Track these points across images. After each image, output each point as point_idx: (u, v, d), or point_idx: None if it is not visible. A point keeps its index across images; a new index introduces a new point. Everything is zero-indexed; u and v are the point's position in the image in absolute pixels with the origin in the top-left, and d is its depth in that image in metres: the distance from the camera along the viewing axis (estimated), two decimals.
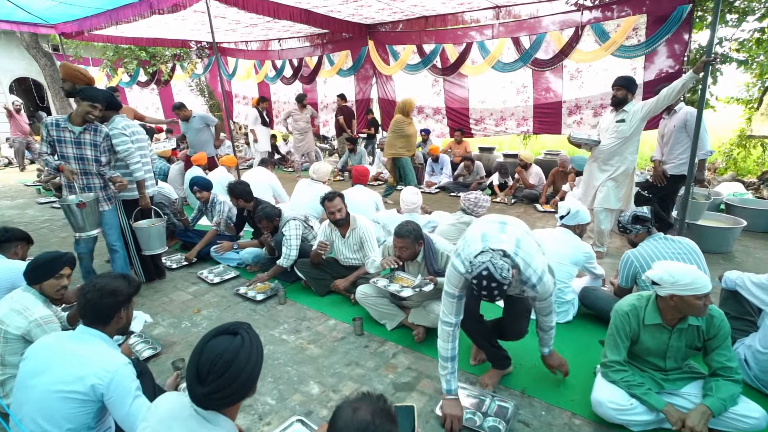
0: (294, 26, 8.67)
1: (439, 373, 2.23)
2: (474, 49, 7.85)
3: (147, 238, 3.67)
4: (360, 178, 4.80)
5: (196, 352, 1.37)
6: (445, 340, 2.19)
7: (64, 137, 3.31)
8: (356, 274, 3.45)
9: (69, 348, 1.80)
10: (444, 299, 2.18)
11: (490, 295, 1.85)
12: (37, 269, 2.38)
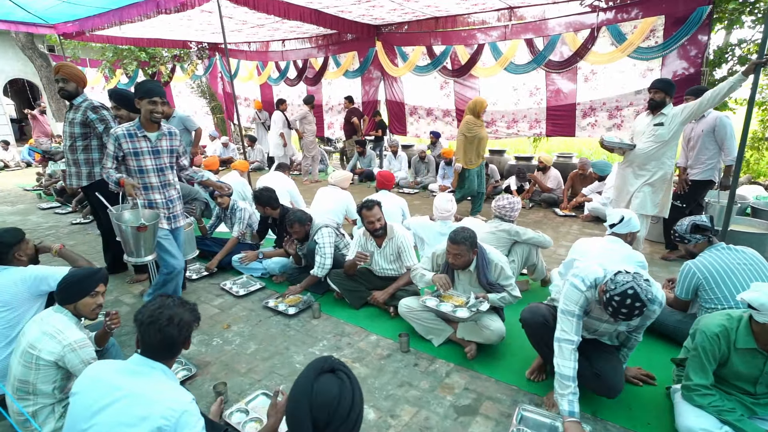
0: (301, 27, 8.46)
1: (557, 394, 2.12)
2: (486, 51, 7.71)
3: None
4: (385, 183, 4.61)
5: (303, 399, 1.18)
6: (566, 358, 2.12)
7: (140, 148, 2.87)
8: (395, 285, 3.26)
9: (127, 384, 1.59)
10: (562, 318, 2.16)
11: (629, 314, 1.90)
12: (70, 288, 2.15)
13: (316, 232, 3.52)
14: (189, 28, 8.62)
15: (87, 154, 3.71)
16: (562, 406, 2.08)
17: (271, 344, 2.94)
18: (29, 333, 2.08)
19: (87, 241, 5.29)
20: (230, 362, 2.75)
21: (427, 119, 8.94)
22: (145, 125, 2.86)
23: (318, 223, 3.56)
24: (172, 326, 1.71)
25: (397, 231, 3.31)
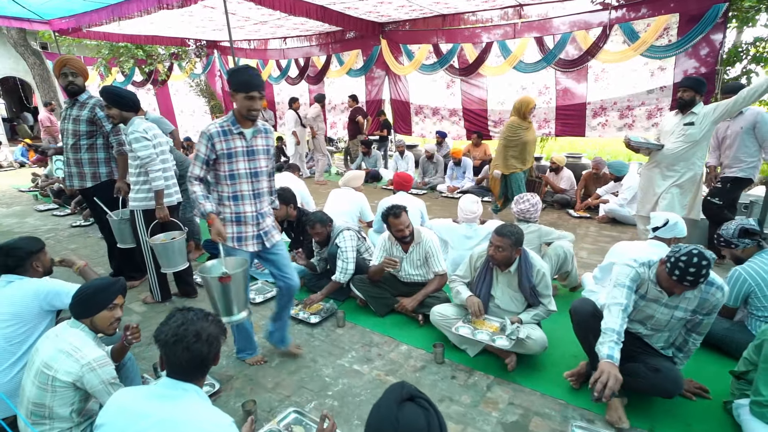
0: (306, 24, 8.27)
1: (599, 343, 2.09)
2: (494, 49, 7.57)
3: (166, 255, 3.11)
4: (403, 185, 4.44)
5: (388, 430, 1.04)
6: (614, 316, 2.11)
7: (234, 147, 2.34)
8: (424, 292, 3.09)
9: (158, 410, 1.41)
10: (613, 290, 2.18)
11: (697, 274, 1.89)
12: (87, 301, 1.96)
13: (337, 236, 3.34)
14: (189, 25, 8.38)
15: (91, 154, 3.51)
16: (602, 351, 2.04)
17: (296, 356, 2.76)
18: (43, 351, 1.89)
19: (89, 244, 5.06)
20: (255, 376, 2.57)
21: (433, 119, 8.79)
22: (240, 121, 2.34)
23: (339, 226, 3.39)
24: (201, 342, 1.54)
25: (424, 235, 3.15)
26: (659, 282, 2.10)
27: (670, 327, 2.21)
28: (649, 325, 2.25)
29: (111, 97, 3.24)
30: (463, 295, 2.75)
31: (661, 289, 2.11)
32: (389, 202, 4.26)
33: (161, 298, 3.56)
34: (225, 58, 11.44)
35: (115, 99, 3.25)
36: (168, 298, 3.59)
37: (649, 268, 2.16)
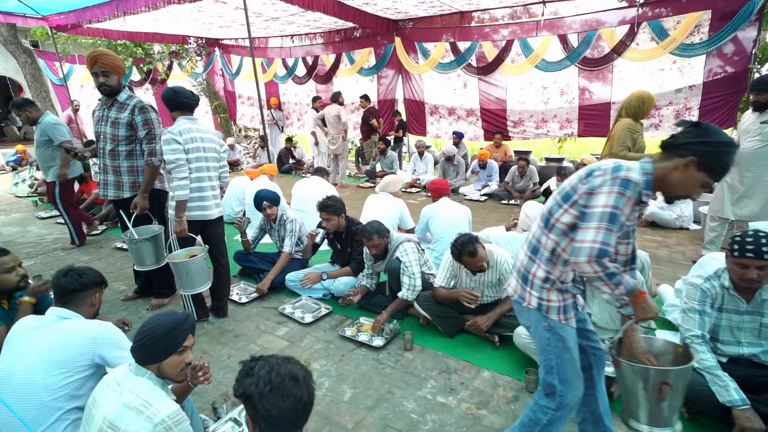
0: (319, 20, 7.90)
1: (714, 388, 1.92)
2: (515, 47, 7.30)
3: (185, 274, 2.79)
4: (442, 191, 4.10)
5: None
6: (700, 351, 1.98)
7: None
8: (499, 311, 2.77)
9: None
10: (685, 319, 2.08)
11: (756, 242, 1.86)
12: (152, 346, 1.59)
13: (396, 248, 3.01)
14: (196, 21, 7.94)
15: (131, 161, 3.14)
16: (726, 396, 1.88)
17: (369, 387, 2.42)
18: (105, 406, 1.52)
19: (102, 256, 4.64)
20: (328, 413, 2.23)
21: (449, 119, 8.49)
22: None
23: (397, 238, 3.06)
24: (299, 386, 1.25)
25: (498, 256, 2.82)
26: (735, 286, 2.02)
27: (766, 336, 2.03)
28: (744, 341, 2.06)
29: (163, 97, 2.91)
30: None
31: (739, 295, 2.01)
32: (434, 211, 3.95)
33: (197, 317, 3.19)
34: (227, 56, 11.00)
35: (164, 98, 2.92)
36: (205, 317, 3.22)
37: (718, 278, 2.08)
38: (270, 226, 3.86)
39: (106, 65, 2.94)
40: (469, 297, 2.72)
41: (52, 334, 1.81)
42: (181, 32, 9.55)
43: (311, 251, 3.71)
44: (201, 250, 2.85)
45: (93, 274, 2.05)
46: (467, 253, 2.66)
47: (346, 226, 3.40)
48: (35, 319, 1.88)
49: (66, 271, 2.01)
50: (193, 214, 2.93)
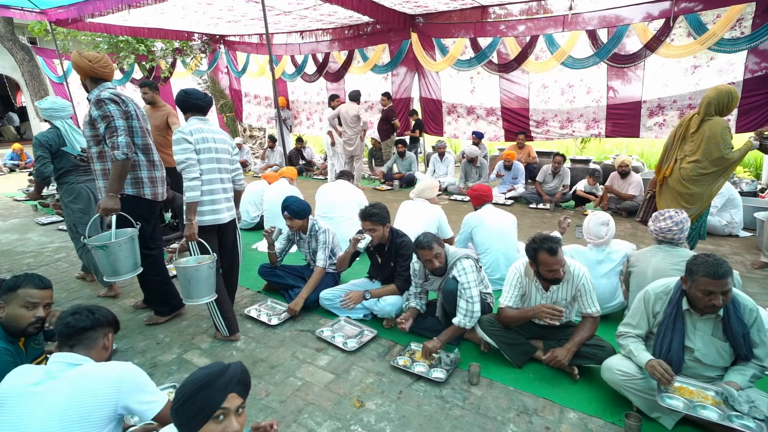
0: (333, 14, 7.50)
1: None
2: (540, 43, 6.93)
3: (186, 282, 2.54)
4: (485, 198, 3.71)
5: None
6: None
7: None
8: (578, 340, 2.38)
9: None
10: None
11: None
12: (183, 407, 1.20)
13: (453, 266, 2.63)
14: (204, 15, 7.51)
15: (102, 164, 2.77)
16: None
17: None
18: None
19: None
20: None
21: (468, 118, 8.11)
22: None
23: (454, 253, 2.67)
24: None
25: (574, 269, 2.44)
26: None
27: None
28: None
29: (177, 99, 2.74)
30: (641, 358, 2.08)
31: None
32: (478, 219, 3.58)
33: (228, 332, 2.87)
34: (233, 53, 10.58)
35: (177, 100, 2.73)
36: (237, 330, 2.91)
37: None
38: (299, 237, 3.46)
39: (75, 66, 2.69)
40: (552, 313, 2.34)
41: (62, 388, 1.41)
42: (186, 28, 9.12)
43: (348, 263, 3.30)
44: (209, 258, 2.60)
45: (105, 311, 1.71)
46: (547, 250, 2.29)
47: (390, 238, 3.01)
48: (33, 372, 1.46)
49: (74, 310, 1.64)
50: (206, 218, 2.68)
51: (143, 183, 2.83)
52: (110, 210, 2.62)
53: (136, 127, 2.77)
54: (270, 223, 4.63)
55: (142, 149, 2.83)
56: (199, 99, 2.72)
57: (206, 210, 2.68)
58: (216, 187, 2.72)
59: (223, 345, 2.82)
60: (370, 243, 2.94)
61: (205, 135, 2.67)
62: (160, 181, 2.94)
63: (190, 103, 2.70)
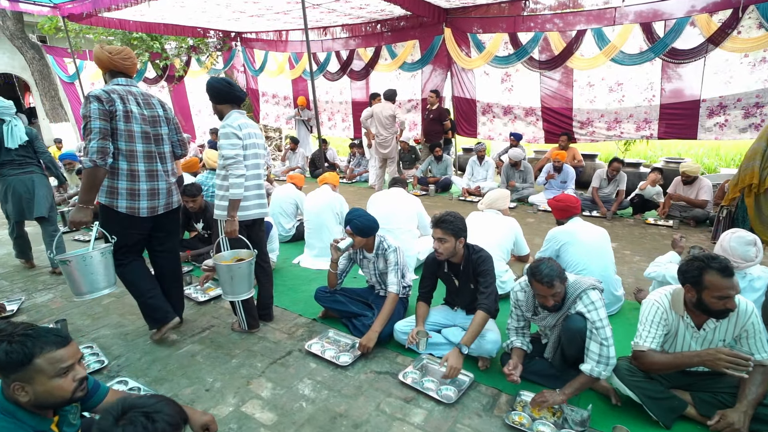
0: (365, 7, 6.98)
1: None
2: (587, 38, 6.40)
3: (230, 279, 2.53)
4: (572, 210, 3.17)
5: None
6: None
7: None
8: (754, 399, 1.86)
9: None
10: None
11: None
12: None
13: (578, 297, 2.10)
14: (227, 8, 7.00)
15: None
16: None
17: None
18: None
19: None
20: None
21: (504, 119, 7.59)
22: None
23: (577, 283, 2.15)
24: None
25: (742, 303, 1.93)
26: None
27: None
28: None
29: (214, 87, 2.60)
30: None
31: None
32: (568, 235, 3.05)
33: (248, 327, 2.87)
34: (250, 51, 10.07)
35: (215, 88, 2.60)
36: (256, 327, 2.90)
37: None
38: (362, 256, 2.94)
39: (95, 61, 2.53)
40: (737, 361, 1.81)
41: None
42: (205, 23, 8.61)
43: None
44: (248, 254, 2.62)
45: (170, 410, 1.13)
46: (719, 270, 1.78)
47: (466, 254, 2.48)
48: None
49: (122, 412, 1.08)
50: (252, 213, 2.71)
51: (118, 194, 2.44)
52: (78, 223, 2.36)
53: (121, 129, 2.39)
54: (314, 236, 4.12)
55: (126, 155, 2.43)
56: (242, 91, 2.65)
57: (252, 204, 2.69)
58: (261, 182, 2.74)
59: (288, 394, 2.29)
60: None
61: (250, 131, 2.63)
62: (147, 195, 2.52)
63: (233, 95, 2.60)
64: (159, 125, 2.58)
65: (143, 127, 2.48)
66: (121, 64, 2.47)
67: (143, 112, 2.48)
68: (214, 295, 3.42)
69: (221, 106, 2.61)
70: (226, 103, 2.60)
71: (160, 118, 2.59)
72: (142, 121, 2.47)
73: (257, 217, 2.77)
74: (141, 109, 2.48)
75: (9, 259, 4.41)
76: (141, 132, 2.46)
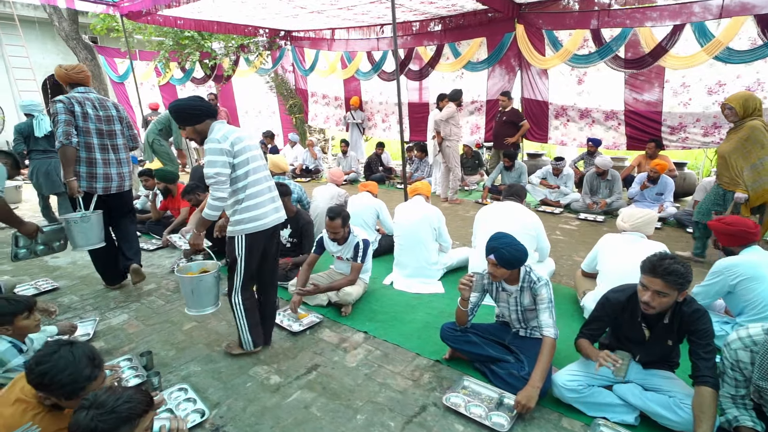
0: (432, 3, 6.47)
1: None
2: (686, 33, 5.70)
3: (190, 293, 2.47)
4: (749, 236, 2.57)
5: None
6: None
7: None
8: None
9: None
10: None
11: None
12: None
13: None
14: (288, 5, 6.60)
15: None
16: None
17: None
18: None
19: None
20: None
21: (580, 123, 6.93)
22: None
23: None
24: None
25: None
26: None
27: None
28: None
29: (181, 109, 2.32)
30: None
31: None
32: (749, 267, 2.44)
33: (253, 345, 2.61)
34: (300, 50, 9.70)
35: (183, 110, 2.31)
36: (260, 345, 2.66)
37: None
38: (501, 288, 2.42)
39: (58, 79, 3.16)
40: None
41: None
42: (259, 22, 8.27)
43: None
44: (213, 266, 2.54)
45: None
46: None
47: (674, 305, 1.92)
48: None
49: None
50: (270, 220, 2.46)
51: (80, 176, 3.10)
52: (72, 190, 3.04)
53: (80, 126, 3.05)
54: (407, 254, 3.62)
55: (84, 147, 3.08)
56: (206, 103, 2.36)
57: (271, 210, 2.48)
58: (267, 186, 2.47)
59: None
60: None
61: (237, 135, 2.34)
62: (102, 178, 3.17)
63: (208, 108, 2.34)
64: (112, 123, 3.20)
65: (98, 125, 3.11)
66: (76, 77, 3.11)
67: (98, 113, 3.12)
68: (307, 323, 2.96)
69: (201, 125, 2.32)
70: (206, 119, 2.33)
71: (113, 117, 3.21)
72: (96, 120, 3.10)
73: (277, 224, 2.51)
74: (96, 110, 3.11)
75: (75, 269, 4.09)
76: (96, 129, 3.11)
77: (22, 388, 1.53)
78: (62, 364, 1.43)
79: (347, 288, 3.07)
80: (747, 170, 3.51)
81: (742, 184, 3.53)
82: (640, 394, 2.03)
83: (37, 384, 1.43)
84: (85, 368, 1.45)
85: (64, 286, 3.75)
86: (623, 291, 2.07)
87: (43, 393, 1.46)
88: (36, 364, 1.43)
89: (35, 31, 10.79)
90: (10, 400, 1.51)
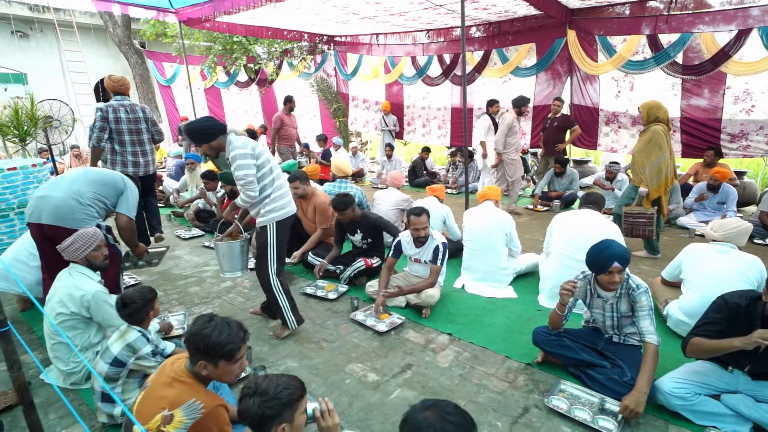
0: (486, 9, 6.53)
1: None
2: (752, 39, 5.59)
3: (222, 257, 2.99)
4: None
5: None
6: None
7: None
8: None
9: None
10: None
11: None
12: None
13: None
14: (342, 11, 6.77)
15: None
16: None
17: None
18: None
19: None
20: None
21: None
22: None
23: None
24: None
25: None
26: None
27: None
28: None
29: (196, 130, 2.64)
30: None
31: None
32: None
33: (297, 323, 2.96)
34: (343, 55, 9.89)
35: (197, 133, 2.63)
36: (302, 321, 3.01)
37: None
38: (597, 294, 2.45)
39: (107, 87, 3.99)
40: None
41: None
42: (309, 27, 8.49)
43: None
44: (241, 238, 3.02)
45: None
46: None
47: None
48: None
49: None
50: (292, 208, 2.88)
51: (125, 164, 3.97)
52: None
53: (112, 129, 3.84)
54: (477, 258, 3.68)
55: (118, 142, 3.90)
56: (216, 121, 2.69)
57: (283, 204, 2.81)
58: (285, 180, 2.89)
59: None
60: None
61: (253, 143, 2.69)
62: (132, 164, 3.99)
63: (220, 126, 2.65)
64: (140, 123, 3.98)
65: (128, 126, 3.91)
66: (119, 88, 3.96)
67: (129, 116, 3.90)
68: (390, 323, 3.05)
69: (215, 142, 2.62)
70: (220, 135, 2.63)
71: (140, 118, 3.98)
72: (127, 122, 3.89)
73: (295, 211, 2.90)
74: (128, 114, 3.90)
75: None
76: (127, 129, 3.90)
77: (173, 369, 1.66)
78: (222, 328, 1.60)
79: (429, 290, 3.15)
80: (648, 168, 3.95)
81: (645, 179, 3.98)
82: (753, 405, 2.03)
83: (205, 347, 1.57)
84: (239, 331, 1.64)
85: (145, 281, 3.95)
86: (741, 296, 2.05)
87: (204, 359, 1.58)
88: (201, 329, 1.59)
89: (90, 36, 11.32)
90: (167, 382, 1.64)
